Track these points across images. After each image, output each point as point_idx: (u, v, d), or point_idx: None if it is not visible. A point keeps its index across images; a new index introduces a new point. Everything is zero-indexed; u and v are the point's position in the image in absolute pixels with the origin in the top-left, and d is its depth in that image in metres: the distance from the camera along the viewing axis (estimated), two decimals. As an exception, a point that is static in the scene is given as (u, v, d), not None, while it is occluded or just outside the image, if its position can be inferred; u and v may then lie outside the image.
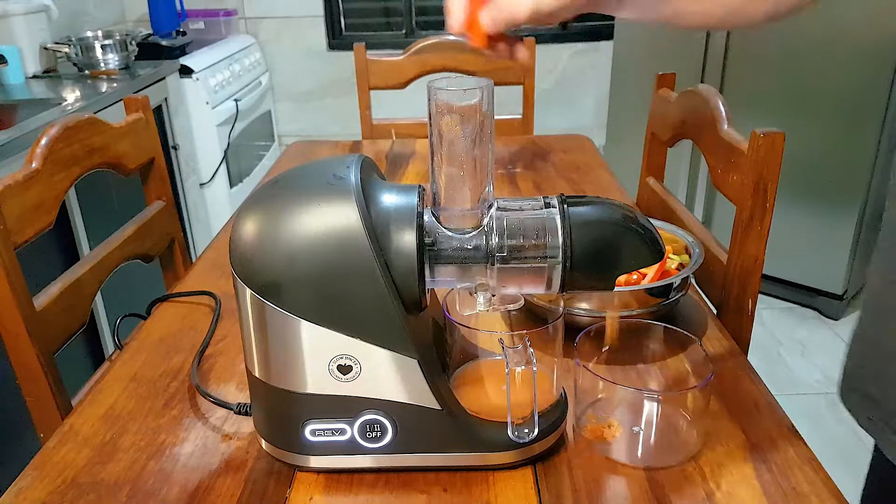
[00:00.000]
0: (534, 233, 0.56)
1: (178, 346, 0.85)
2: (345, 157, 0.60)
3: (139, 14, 3.03)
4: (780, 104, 2.21)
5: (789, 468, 0.62)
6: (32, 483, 0.63)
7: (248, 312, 0.58)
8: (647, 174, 1.30)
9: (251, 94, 2.91)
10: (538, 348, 0.62)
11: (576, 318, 0.80)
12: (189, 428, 0.70)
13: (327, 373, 0.58)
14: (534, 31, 3.18)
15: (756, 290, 0.89)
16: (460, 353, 0.66)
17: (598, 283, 0.58)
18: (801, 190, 2.20)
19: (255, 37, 3.18)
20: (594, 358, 0.71)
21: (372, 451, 0.61)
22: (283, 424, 0.62)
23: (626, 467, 0.63)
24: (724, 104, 0.99)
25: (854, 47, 2.01)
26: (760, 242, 0.87)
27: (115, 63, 2.26)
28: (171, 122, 2.35)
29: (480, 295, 0.61)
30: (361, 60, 1.81)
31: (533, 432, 0.60)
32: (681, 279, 0.81)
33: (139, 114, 1.17)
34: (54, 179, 0.93)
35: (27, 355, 0.84)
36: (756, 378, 0.75)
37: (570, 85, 3.27)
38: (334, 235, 0.55)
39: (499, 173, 1.43)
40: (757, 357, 0.81)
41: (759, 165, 0.84)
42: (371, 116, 1.84)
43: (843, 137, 2.10)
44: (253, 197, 0.60)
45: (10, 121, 1.71)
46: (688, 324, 0.86)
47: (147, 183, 1.21)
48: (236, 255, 0.57)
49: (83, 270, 0.98)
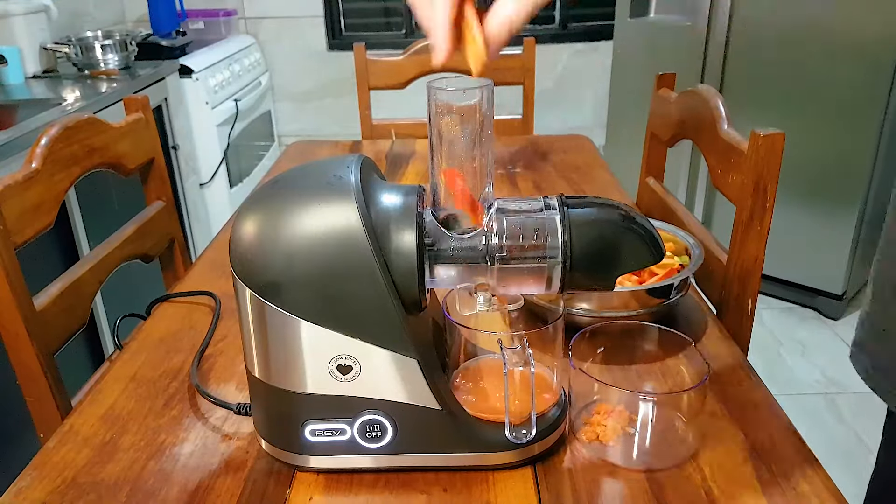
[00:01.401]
0: (533, 233, 0.56)
1: (178, 346, 0.85)
2: (345, 157, 0.60)
3: (139, 14, 3.03)
4: (780, 104, 2.21)
5: (789, 468, 0.62)
6: (32, 483, 0.63)
7: (247, 312, 0.58)
8: (646, 174, 1.30)
9: (251, 94, 2.91)
10: (538, 349, 0.62)
11: (576, 319, 0.80)
12: (189, 428, 0.70)
13: (327, 373, 0.58)
14: (533, 32, 3.18)
15: (756, 290, 0.89)
16: (460, 354, 0.66)
17: (598, 283, 0.58)
18: (801, 190, 2.20)
19: (255, 37, 3.18)
20: (590, 359, 0.71)
21: (372, 452, 0.61)
22: (282, 424, 0.62)
23: (625, 468, 0.63)
24: (724, 104, 0.99)
25: (854, 47, 2.01)
26: (760, 242, 0.87)
27: (114, 63, 2.26)
28: (170, 122, 2.35)
29: (480, 295, 0.61)
30: (361, 60, 1.81)
31: (531, 433, 0.60)
32: (680, 280, 0.81)
33: (139, 114, 1.17)
34: (54, 179, 0.93)
35: (27, 355, 0.84)
36: (756, 378, 0.75)
37: (570, 85, 3.27)
38: (334, 235, 0.55)
39: (499, 173, 1.43)
40: (757, 357, 0.81)
41: (758, 165, 0.84)
42: (371, 116, 1.84)
43: (843, 137, 2.10)
44: (253, 197, 0.60)
45: (10, 121, 1.71)
46: (688, 324, 0.86)
47: (147, 183, 1.21)
48: (236, 255, 0.57)
49: (83, 270, 0.98)
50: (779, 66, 2.17)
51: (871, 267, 0.72)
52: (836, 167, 2.15)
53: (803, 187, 2.20)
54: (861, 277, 2.30)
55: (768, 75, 2.20)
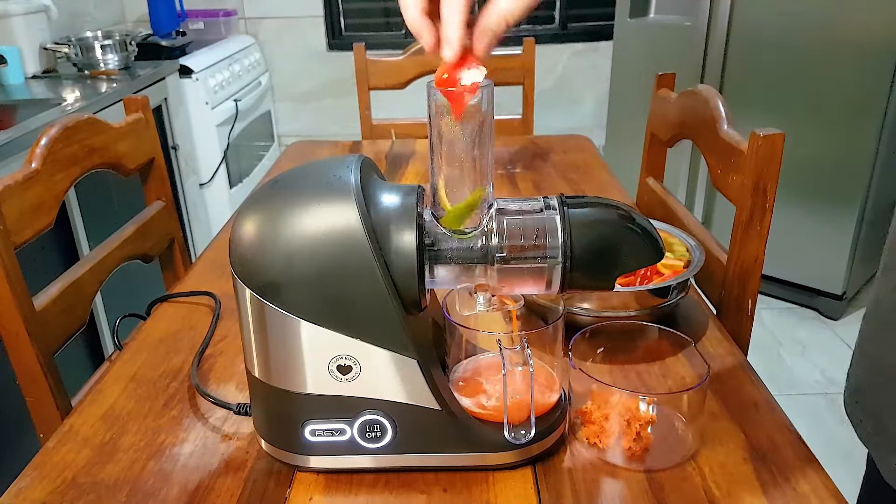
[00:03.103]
0: (533, 233, 0.56)
1: (178, 346, 0.85)
2: (345, 157, 0.60)
3: (139, 14, 3.03)
4: (779, 104, 2.21)
5: (789, 468, 0.62)
6: (32, 483, 0.63)
7: (247, 312, 0.58)
8: (646, 174, 1.30)
9: (251, 94, 2.91)
10: (538, 349, 0.62)
11: (577, 318, 0.80)
12: (189, 428, 0.70)
13: (327, 373, 0.58)
14: (533, 32, 3.18)
15: (756, 291, 0.89)
16: (460, 354, 0.66)
17: (598, 283, 0.58)
18: (801, 190, 2.20)
19: (255, 37, 3.18)
20: (590, 359, 0.71)
21: (372, 452, 0.61)
22: (282, 424, 0.62)
23: (624, 468, 0.63)
24: (724, 104, 0.99)
25: (854, 48, 2.01)
26: (760, 243, 0.87)
27: (114, 63, 2.26)
28: (170, 123, 2.35)
29: (480, 295, 0.61)
30: (361, 61, 1.81)
31: (530, 433, 0.60)
32: (679, 281, 0.81)
33: (139, 114, 1.17)
34: (54, 180, 0.93)
35: (27, 355, 0.84)
36: (756, 378, 0.75)
37: (570, 85, 3.27)
38: (334, 235, 0.55)
39: (499, 173, 1.43)
40: (757, 357, 0.81)
41: (758, 166, 0.84)
42: (371, 117, 1.84)
43: (843, 137, 2.10)
44: (253, 197, 0.60)
45: (10, 121, 1.71)
46: (688, 324, 0.86)
47: (147, 183, 1.21)
48: (236, 255, 0.57)
49: (83, 270, 0.98)
50: (779, 66, 2.17)
51: (873, 273, 0.70)
52: (836, 167, 2.15)
53: (803, 187, 2.20)
54: (861, 277, 2.30)
55: (768, 75, 2.20)
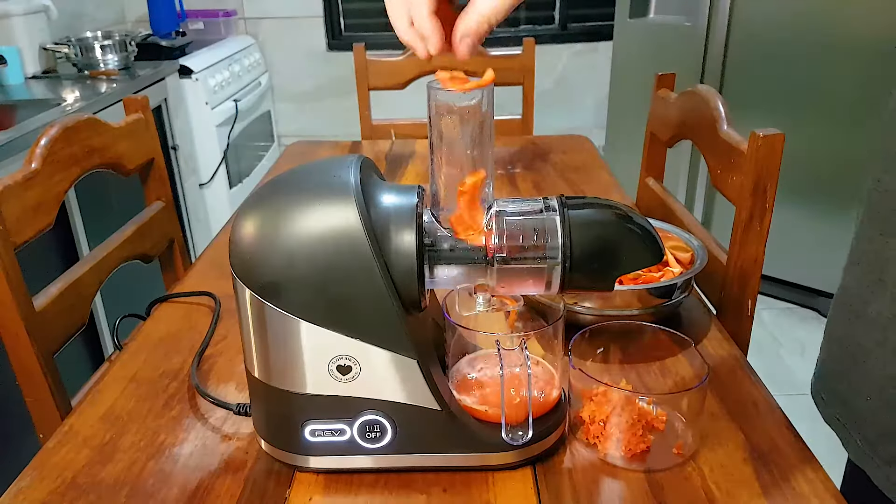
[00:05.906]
0: (533, 233, 0.56)
1: (178, 346, 0.85)
2: (344, 158, 0.60)
3: (139, 14, 3.03)
4: (780, 104, 2.21)
5: (789, 468, 0.62)
6: (32, 483, 0.63)
7: (247, 313, 0.58)
8: (646, 174, 1.30)
9: (251, 94, 2.91)
10: (538, 349, 0.62)
11: (578, 317, 0.80)
12: (189, 428, 0.70)
13: (327, 373, 0.58)
14: (533, 32, 3.18)
15: (756, 291, 0.89)
16: (460, 354, 0.66)
17: (598, 283, 0.58)
18: (801, 190, 2.20)
19: (255, 37, 3.18)
20: (590, 359, 0.71)
21: (371, 452, 0.61)
22: (282, 425, 0.62)
23: (624, 468, 0.63)
24: (724, 104, 0.99)
25: (854, 48, 2.01)
26: (760, 243, 0.87)
27: (114, 63, 2.26)
28: (170, 123, 2.35)
29: (480, 296, 0.61)
30: (361, 61, 1.81)
31: (527, 434, 0.60)
32: (682, 280, 0.81)
33: (139, 114, 1.17)
34: (54, 180, 0.93)
35: (27, 356, 0.84)
36: (756, 378, 0.75)
37: (570, 85, 3.27)
38: (334, 236, 0.55)
39: (498, 174, 1.43)
40: (757, 357, 0.81)
41: (758, 166, 0.84)
42: (371, 117, 1.84)
43: (843, 137, 2.10)
44: (252, 197, 0.60)
45: (10, 121, 1.71)
46: (688, 324, 0.86)
47: (146, 183, 1.21)
48: (236, 255, 0.57)
49: (83, 271, 0.98)
50: (779, 66, 2.17)
51: None
52: (836, 167, 2.15)
53: (803, 187, 2.20)
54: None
55: (768, 75, 2.20)
